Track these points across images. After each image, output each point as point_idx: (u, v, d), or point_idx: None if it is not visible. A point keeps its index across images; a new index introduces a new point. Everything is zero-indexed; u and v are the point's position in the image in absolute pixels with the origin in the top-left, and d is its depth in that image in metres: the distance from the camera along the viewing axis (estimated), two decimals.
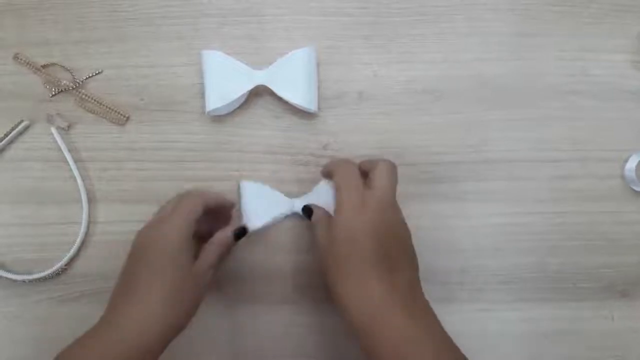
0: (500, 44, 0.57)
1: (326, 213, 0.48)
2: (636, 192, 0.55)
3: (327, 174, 0.49)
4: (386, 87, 0.56)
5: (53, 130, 0.54)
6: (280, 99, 0.54)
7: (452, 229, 0.55)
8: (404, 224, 0.45)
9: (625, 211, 0.55)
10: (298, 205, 0.52)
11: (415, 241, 0.45)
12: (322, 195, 0.51)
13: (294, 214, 0.53)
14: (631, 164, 0.55)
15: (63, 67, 0.56)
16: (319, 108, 0.55)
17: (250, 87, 0.53)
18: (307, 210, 0.50)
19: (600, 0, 0.57)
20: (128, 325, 0.40)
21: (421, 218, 0.54)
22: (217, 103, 0.52)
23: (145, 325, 0.40)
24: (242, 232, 0.49)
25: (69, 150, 0.54)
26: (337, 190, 0.45)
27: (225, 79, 0.53)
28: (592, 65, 0.57)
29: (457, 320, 0.50)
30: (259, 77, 0.53)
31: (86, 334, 0.41)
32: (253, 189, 0.53)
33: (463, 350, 0.41)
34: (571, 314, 0.54)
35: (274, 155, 0.55)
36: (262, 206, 0.52)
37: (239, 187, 0.53)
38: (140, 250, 0.43)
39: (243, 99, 0.55)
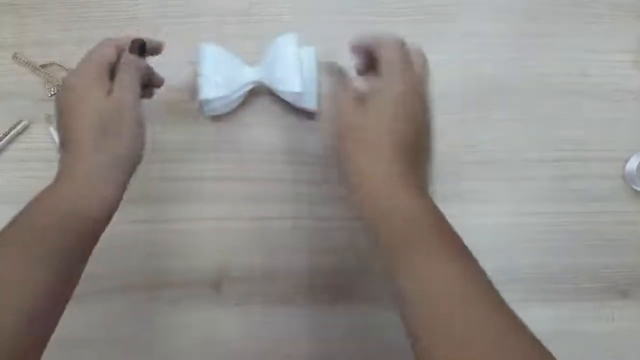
0: (500, 44, 0.57)
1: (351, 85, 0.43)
2: (637, 192, 0.55)
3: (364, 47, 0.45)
4: None
5: (52, 130, 0.54)
6: (280, 98, 0.54)
7: None
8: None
9: (625, 211, 0.55)
10: (256, 74, 0.52)
11: None
12: (279, 56, 0.50)
13: (256, 84, 0.53)
14: (632, 164, 0.55)
15: (62, 66, 0.56)
16: (319, 108, 0.55)
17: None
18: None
19: (601, 0, 0.57)
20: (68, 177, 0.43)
21: None
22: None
23: (84, 176, 0.42)
24: (139, 42, 0.45)
25: None
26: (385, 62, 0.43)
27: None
28: (592, 65, 0.57)
29: None
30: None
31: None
32: (213, 53, 0.51)
33: None
34: (571, 315, 0.54)
35: (274, 155, 0.55)
36: (220, 73, 0.51)
37: (198, 50, 0.52)
38: (60, 110, 0.42)
39: (242, 99, 0.55)
